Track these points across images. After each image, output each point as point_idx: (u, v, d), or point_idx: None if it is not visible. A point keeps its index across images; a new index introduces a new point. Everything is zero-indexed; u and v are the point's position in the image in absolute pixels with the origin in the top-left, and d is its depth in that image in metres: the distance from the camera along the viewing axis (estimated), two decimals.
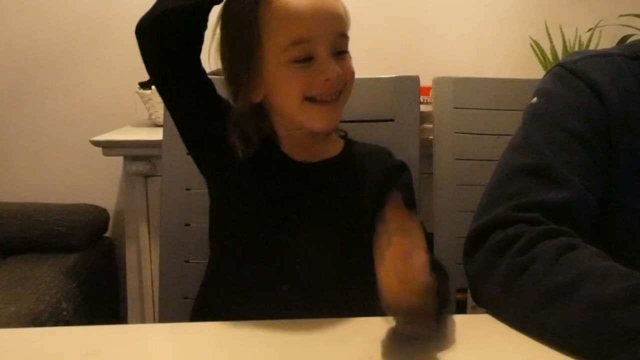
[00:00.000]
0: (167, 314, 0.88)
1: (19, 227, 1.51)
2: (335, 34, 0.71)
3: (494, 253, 0.61)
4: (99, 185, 1.75)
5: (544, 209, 0.62)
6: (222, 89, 0.76)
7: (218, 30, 0.76)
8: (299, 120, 0.74)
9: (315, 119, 0.74)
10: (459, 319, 0.63)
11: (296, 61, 0.70)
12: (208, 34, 0.74)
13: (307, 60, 0.71)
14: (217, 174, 0.78)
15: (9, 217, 1.53)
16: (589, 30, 1.59)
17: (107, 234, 1.73)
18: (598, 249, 0.58)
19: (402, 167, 0.81)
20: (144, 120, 1.56)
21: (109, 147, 1.30)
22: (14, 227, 1.51)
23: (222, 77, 0.77)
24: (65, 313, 1.29)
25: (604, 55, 0.72)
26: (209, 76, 0.77)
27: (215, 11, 0.74)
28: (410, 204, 0.79)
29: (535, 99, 0.73)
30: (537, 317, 0.55)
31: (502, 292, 0.59)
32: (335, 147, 0.81)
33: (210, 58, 0.76)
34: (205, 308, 0.79)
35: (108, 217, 1.69)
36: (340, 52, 0.73)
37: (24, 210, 1.56)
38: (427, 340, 0.56)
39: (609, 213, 0.66)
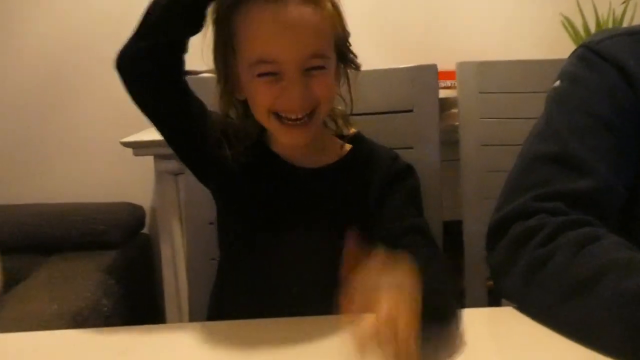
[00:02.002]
0: (196, 311, 0.89)
1: (59, 227, 1.56)
2: (304, 56, 0.68)
3: (516, 245, 0.60)
4: (134, 183, 1.79)
5: (567, 199, 0.60)
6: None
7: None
8: (269, 129, 0.74)
9: (282, 135, 0.73)
10: (483, 313, 0.62)
11: (262, 75, 0.69)
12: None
13: (273, 75, 0.69)
14: (217, 184, 0.79)
15: (50, 217, 1.59)
16: (623, 2, 1.52)
17: (144, 231, 1.77)
18: (623, 239, 0.56)
19: (407, 173, 0.79)
20: None
21: (139, 148, 1.33)
22: (54, 227, 1.56)
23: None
24: (105, 309, 1.33)
25: (631, 33, 0.68)
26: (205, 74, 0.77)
27: None
28: (414, 210, 0.77)
29: (558, 83, 0.70)
30: (559, 310, 0.54)
31: (523, 285, 0.58)
32: (339, 151, 0.79)
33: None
34: (218, 308, 0.80)
35: (144, 214, 1.74)
36: (316, 68, 0.69)
37: (64, 210, 1.61)
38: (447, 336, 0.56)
39: (637, 200, 0.63)
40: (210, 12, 0.71)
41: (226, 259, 0.81)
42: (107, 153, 1.76)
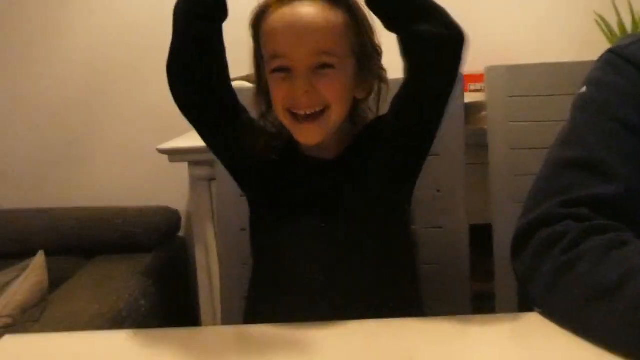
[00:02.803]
0: (229, 314, 0.92)
1: (100, 230, 1.63)
2: (311, 52, 0.73)
3: (541, 251, 0.60)
4: (170, 188, 1.84)
5: (592, 204, 0.60)
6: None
7: None
8: (291, 130, 0.78)
9: (296, 132, 0.77)
10: (506, 319, 0.63)
11: (276, 71, 0.75)
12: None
13: (285, 71, 0.74)
14: (248, 180, 0.83)
15: (91, 221, 1.65)
16: None
17: (180, 234, 1.82)
18: None
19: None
20: None
21: (174, 154, 1.38)
22: (95, 231, 1.63)
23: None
24: (143, 309, 1.38)
25: None
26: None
27: None
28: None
29: (584, 88, 0.70)
30: (584, 315, 0.54)
31: (548, 291, 0.58)
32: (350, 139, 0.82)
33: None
34: (254, 309, 0.83)
35: (180, 218, 1.79)
36: (324, 67, 0.73)
37: (104, 214, 1.67)
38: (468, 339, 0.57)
39: None
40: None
41: (258, 262, 0.84)
42: (144, 159, 1.82)
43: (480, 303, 1.00)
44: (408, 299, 0.81)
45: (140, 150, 1.83)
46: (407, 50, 0.71)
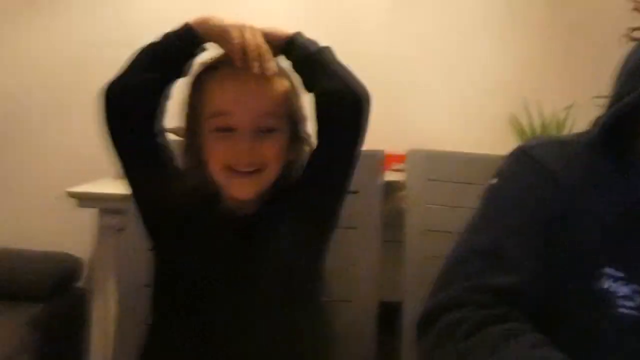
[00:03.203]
0: None
1: None
2: (256, 112, 0.76)
3: (442, 336, 0.61)
4: (76, 233, 1.72)
5: (495, 292, 0.62)
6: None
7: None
8: (224, 186, 0.79)
9: (234, 189, 0.78)
10: None
11: (218, 129, 0.76)
12: None
13: (227, 131, 0.76)
14: (161, 228, 0.80)
15: None
16: (565, 108, 1.64)
17: (80, 284, 1.70)
18: (543, 336, 0.57)
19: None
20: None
21: (85, 199, 1.31)
22: None
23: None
24: None
25: (562, 142, 0.74)
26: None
27: None
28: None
29: (494, 180, 0.74)
30: None
31: None
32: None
33: None
34: None
35: (81, 267, 1.67)
36: (267, 130, 0.77)
37: None
38: None
39: (558, 298, 0.66)
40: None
41: (159, 318, 0.80)
42: (51, 201, 1.71)
43: None
44: None
45: (47, 192, 1.72)
46: (318, 106, 0.79)
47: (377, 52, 1.78)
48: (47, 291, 1.49)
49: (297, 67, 0.80)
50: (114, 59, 0.83)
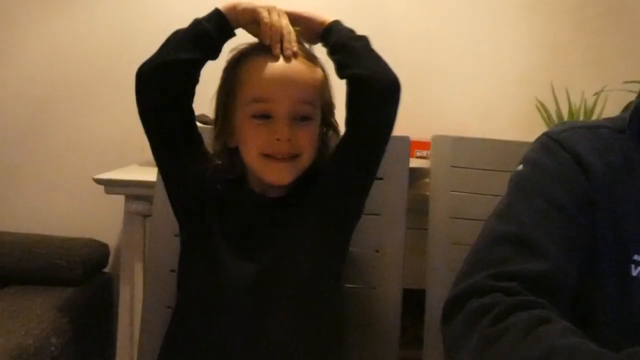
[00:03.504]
0: (146, 358, 0.87)
1: (19, 258, 1.52)
2: (296, 100, 0.78)
3: (469, 321, 0.60)
4: (104, 220, 1.76)
5: (521, 279, 0.61)
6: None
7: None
8: (257, 172, 0.80)
9: (270, 174, 0.80)
10: None
11: (255, 116, 0.76)
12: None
13: (265, 118, 0.77)
14: (189, 212, 0.81)
15: (11, 247, 1.55)
16: (594, 94, 1.60)
17: (107, 270, 1.73)
18: (571, 324, 0.56)
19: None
20: (150, 160, 1.58)
21: (111, 186, 1.33)
22: (14, 258, 1.52)
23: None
24: (53, 349, 1.28)
25: (590, 127, 0.72)
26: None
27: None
28: None
29: (521, 167, 0.73)
30: None
31: None
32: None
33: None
34: (168, 357, 0.79)
35: (108, 253, 1.70)
36: (303, 119, 0.78)
37: (26, 241, 1.57)
38: None
39: (590, 286, 0.65)
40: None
41: (184, 302, 0.81)
42: (79, 188, 1.75)
43: None
44: (336, 355, 0.80)
45: (75, 179, 1.76)
46: (350, 92, 0.79)
47: (401, 38, 1.76)
48: (77, 277, 1.52)
49: (332, 53, 0.82)
50: (141, 48, 0.85)
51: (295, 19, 0.84)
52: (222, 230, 0.79)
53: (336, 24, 0.84)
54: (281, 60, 0.78)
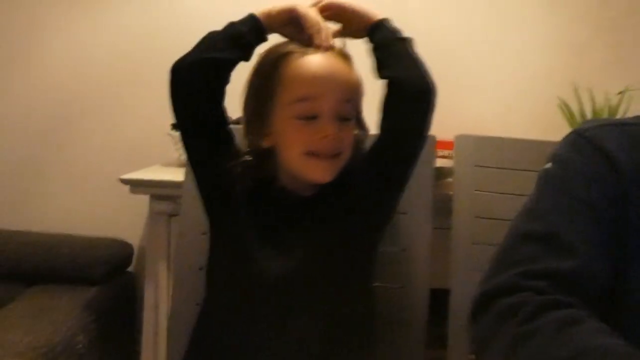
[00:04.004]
0: (175, 356, 0.88)
1: (44, 257, 1.55)
2: (340, 99, 0.78)
3: (498, 320, 0.60)
4: (128, 220, 1.78)
5: (551, 278, 0.61)
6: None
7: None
8: (299, 171, 0.79)
9: (314, 172, 0.80)
10: None
11: (299, 118, 0.75)
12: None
13: (310, 118, 0.77)
14: (220, 208, 0.82)
15: (36, 246, 1.57)
16: (618, 93, 1.58)
17: (131, 269, 1.76)
18: (603, 324, 0.56)
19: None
20: (173, 160, 1.60)
21: (136, 186, 1.34)
22: (38, 257, 1.55)
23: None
24: (80, 346, 1.30)
25: (619, 124, 0.71)
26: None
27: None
28: None
29: (549, 165, 0.73)
30: None
31: None
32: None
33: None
34: (195, 354, 0.80)
35: (132, 252, 1.72)
36: (344, 120, 0.79)
37: (50, 240, 1.60)
38: None
39: (621, 285, 0.64)
40: (254, 65, 0.83)
41: (214, 297, 0.82)
42: (104, 187, 1.77)
43: None
44: (362, 356, 0.80)
45: (98, 180, 1.78)
46: (388, 93, 0.80)
47: (419, 37, 1.75)
48: (101, 276, 1.54)
49: (376, 51, 0.83)
50: (167, 49, 0.86)
51: (343, 12, 0.84)
52: (253, 227, 0.80)
53: (385, 22, 0.84)
54: (324, 59, 0.78)
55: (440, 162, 1.27)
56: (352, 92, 0.81)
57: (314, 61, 0.78)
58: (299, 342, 0.75)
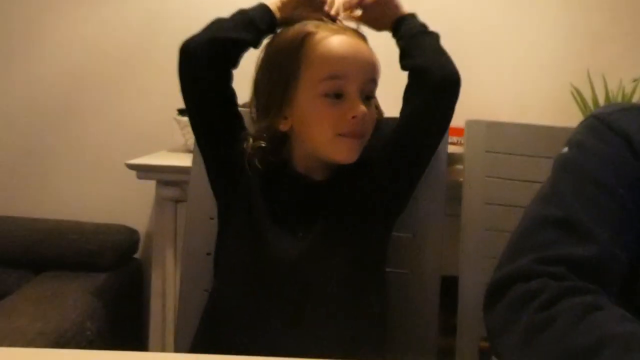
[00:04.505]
0: (183, 342, 0.88)
1: (52, 244, 1.55)
2: (366, 78, 0.77)
3: (515, 307, 0.59)
4: (133, 206, 1.78)
5: (569, 264, 0.60)
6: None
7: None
8: (325, 151, 0.77)
9: (341, 152, 0.78)
10: None
11: (327, 95, 0.73)
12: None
13: (337, 96, 0.74)
14: (229, 188, 0.81)
15: (44, 233, 1.57)
16: (634, 80, 1.55)
17: (137, 256, 1.76)
18: (625, 311, 0.55)
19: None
20: (179, 146, 1.59)
21: (143, 171, 1.34)
22: (47, 244, 1.55)
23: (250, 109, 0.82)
24: (89, 333, 1.30)
25: (638, 107, 0.70)
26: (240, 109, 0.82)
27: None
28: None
29: (566, 149, 0.71)
30: None
31: (520, 348, 0.56)
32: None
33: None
34: (204, 339, 0.80)
35: (139, 239, 1.72)
36: (367, 99, 0.78)
37: (58, 227, 1.60)
38: None
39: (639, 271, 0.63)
40: (266, 46, 0.82)
41: (222, 282, 0.82)
42: (110, 174, 1.77)
43: (440, 357, 0.98)
44: (373, 343, 0.79)
45: (105, 166, 1.78)
46: (411, 83, 0.80)
47: (432, 23, 1.73)
48: (109, 263, 1.54)
49: (401, 41, 0.84)
50: (172, 36, 0.85)
51: (372, 3, 0.85)
52: (265, 210, 0.79)
53: (411, 16, 0.86)
54: (348, 38, 0.77)
55: (450, 149, 1.25)
56: (375, 72, 0.80)
57: (339, 40, 0.77)
58: (310, 325, 0.74)
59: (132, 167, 1.34)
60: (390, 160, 0.80)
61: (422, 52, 0.81)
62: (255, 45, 0.82)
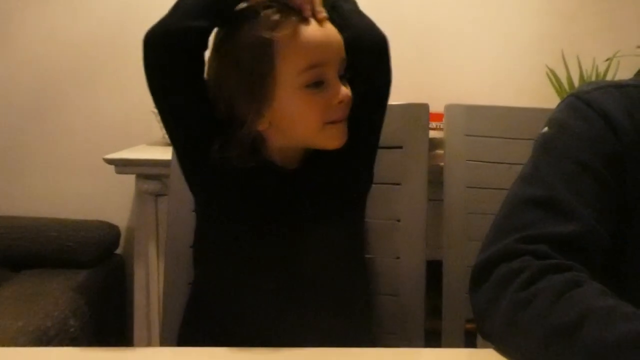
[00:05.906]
0: (169, 336, 0.87)
1: (31, 241, 1.52)
2: (340, 58, 0.75)
3: (499, 286, 0.60)
4: (113, 201, 1.76)
5: (551, 242, 0.61)
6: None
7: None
8: (314, 141, 0.76)
9: (333, 139, 0.77)
10: (463, 353, 0.61)
11: (308, 86, 0.73)
12: None
13: (317, 85, 0.73)
14: (205, 184, 0.79)
15: (23, 231, 1.55)
16: (606, 60, 1.58)
17: (118, 251, 1.74)
18: (604, 286, 0.56)
19: None
20: (158, 139, 1.57)
21: (121, 166, 1.32)
22: (27, 242, 1.52)
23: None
24: (72, 330, 1.29)
25: (618, 86, 0.70)
26: None
27: None
28: None
29: (546, 129, 0.72)
30: (539, 355, 0.53)
31: (504, 327, 0.57)
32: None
33: None
34: (190, 330, 0.79)
35: (119, 234, 1.70)
36: (341, 77, 0.76)
37: (37, 225, 1.57)
38: None
39: (622, 247, 0.64)
40: (220, 42, 0.76)
41: (203, 275, 0.81)
42: (88, 169, 1.74)
43: (426, 339, 0.99)
44: (360, 328, 0.79)
45: (83, 161, 1.75)
46: (349, 52, 0.78)
47: (408, 7, 1.73)
48: (90, 259, 1.52)
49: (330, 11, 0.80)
50: (143, 28, 0.81)
51: None
52: (241, 203, 0.77)
53: None
54: (315, 24, 0.74)
55: (431, 134, 1.26)
56: (343, 49, 0.78)
57: (311, 27, 0.74)
58: (298, 313, 0.74)
59: (110, 161, 1.32)
60: (350, 135, 0.78)
61: (345, 21, 0.80)
62: (222, 26, 0.77)
